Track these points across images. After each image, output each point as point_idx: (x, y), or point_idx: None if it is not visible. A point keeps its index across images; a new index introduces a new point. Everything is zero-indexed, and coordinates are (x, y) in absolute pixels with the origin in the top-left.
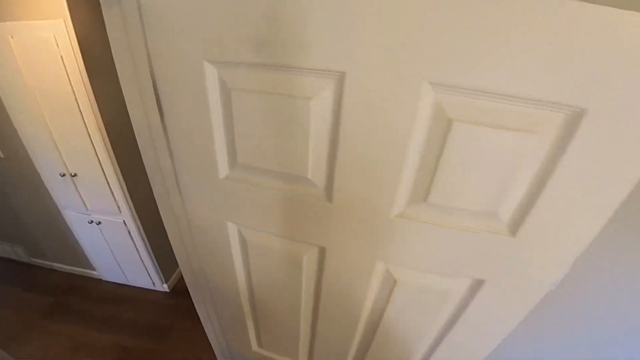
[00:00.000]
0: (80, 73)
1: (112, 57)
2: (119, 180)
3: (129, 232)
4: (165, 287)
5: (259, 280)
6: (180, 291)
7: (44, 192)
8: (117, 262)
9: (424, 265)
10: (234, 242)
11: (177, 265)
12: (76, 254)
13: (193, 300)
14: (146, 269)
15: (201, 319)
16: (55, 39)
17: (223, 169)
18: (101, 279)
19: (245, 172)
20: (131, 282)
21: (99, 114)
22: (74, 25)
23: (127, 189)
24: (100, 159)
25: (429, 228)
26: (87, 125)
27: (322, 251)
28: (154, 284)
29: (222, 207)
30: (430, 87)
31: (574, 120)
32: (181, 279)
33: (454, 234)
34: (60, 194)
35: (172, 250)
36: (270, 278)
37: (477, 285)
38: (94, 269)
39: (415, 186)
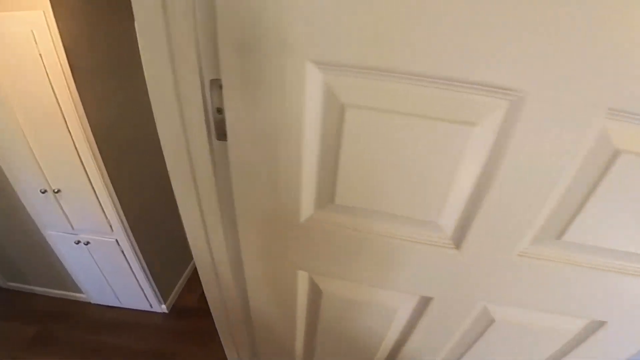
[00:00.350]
0: (64, 74)
1: (103, 56)
2: (110, 196)
3: (122, 251)
4: (163, 308)
5: (325, 332)
6: (181, 310)
7: (21, 210)
8: (108, 284)
9: (537, 304)
10: (302, 292)
11: (175, 282)
12: (60, 276)
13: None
14: (142, 290)
15: None
16: (33, 34)
17: (307, 210)
18: (89, 303)
19: (342, 214)
20: (124, 305)
21: (86, 121)
22: (55, 17)
23: (121, 205)
24: (88, 173)
25: (557, 267)
26: (73, 135)
27: (426, 301)
28: (151, 305)
29: (294, 255)
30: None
31: None
32: (181, 296)
33: (583, 273)
34: (41, 212)
35: (171, 267)
36: (343, 330)
37: (595, 326)
38: (81, 292)
39: (549, 224)
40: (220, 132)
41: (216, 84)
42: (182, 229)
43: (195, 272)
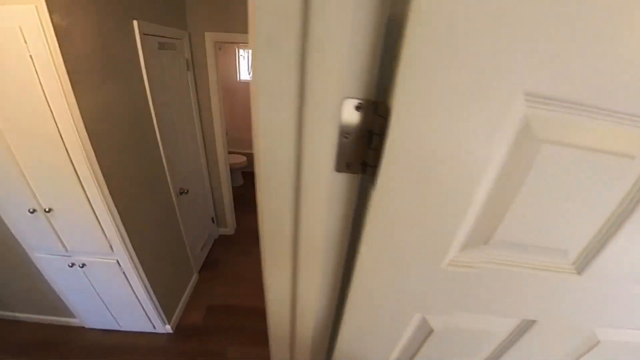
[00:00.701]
0: (59, 79)
1: (103, 57)
2: (111, 214)
3: (124, 272)
4: (168, 328)
5: None
6: (186, 330)
7: (4, 231)
8: (105, 306)
9: None
10: (408, 333)
11: (178, 299)
12: (48, 300)
13: None
14: (144, 311)
15: None
16: (22, 32)
17: (452, 252)
18: (83, 327)
19: (494, 251)
20: (124, 327)
21: (85, 133)
22: (50, 12)
23: (123, 224)
24: (86, 189)
25: None
26: (68, 148)
27: (528, 324)
28: (154, 326)
29: (418, 299)
30: None
31: None
32: (185, 314)
33: None
34: (29, 234)
35: (173, 284)
36: (436, 356)
37: None
38: (73, 316)
39: None
40: (351, 162)
41: (356, 105)
42: (182, 241)
43: (198, 286)
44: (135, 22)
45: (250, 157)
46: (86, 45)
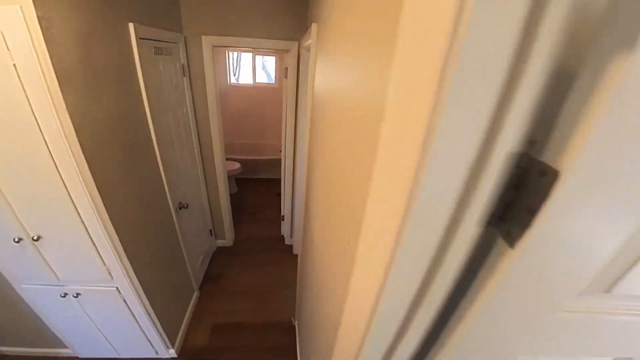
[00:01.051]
0: (49, 91)
1: (99, 66)
2: (110, 239)
3: (125, 300)
4: (172, 353)
5: None
6: (191, 352)
7: None
8: (102, 335)
9: None
10: None
11: (181, 320)
12: (37, 331)
13: None
14: (146, 337)
15: None
16: (4, 37)
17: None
18: (77, 357)
19: (619, 299)
20: (122, 355)
21: (79, 150)
22: (38, 14)
23: (124, 249)
24: (81, 213)
25: None
26: (60, 168)
27: None
28: (156, 352)
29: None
30: None
31: None
32: (188, 336)
33: None
34: (14, 265)
35: (174, 305)
36: None
37: None
38: (65, 347)
39: None
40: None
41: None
42: (182, 258)
43: (199, 303)
44: (131, 25)
45: (244, 163)
46: (79, 51)
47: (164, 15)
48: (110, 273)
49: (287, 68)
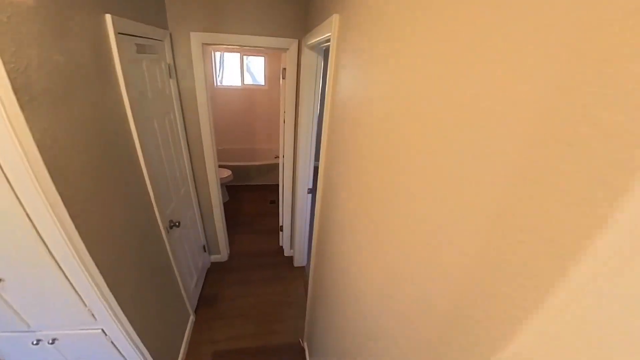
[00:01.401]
0: (1, 103)
1: (73, 65)
2: (91, 277)
3: (113, 342)
4: None
5: None
6: None
7: None
8: None
9: None
10: None
11: (178, 351)
12: None
13: None
14: None
15: None
16: None
17: None
18: None
19: None
20: None
21: (43, 170)
22: None
23: (108, 285)
24: (50, 248)
25: None
26: (19, 195)
27: None
28: None
29: None
30: None
31: None
32: None
33: None
34: None
35: (171, 336)
36: None
37: None
38: None
39: None
40: None
41: None
42: (176, 282)
43: (196, 329)
44: (108, 17)
45: (235, 170)
46: (42, 49)
47: (146, 8)
48: (93, 315)
49: (284, 68)
